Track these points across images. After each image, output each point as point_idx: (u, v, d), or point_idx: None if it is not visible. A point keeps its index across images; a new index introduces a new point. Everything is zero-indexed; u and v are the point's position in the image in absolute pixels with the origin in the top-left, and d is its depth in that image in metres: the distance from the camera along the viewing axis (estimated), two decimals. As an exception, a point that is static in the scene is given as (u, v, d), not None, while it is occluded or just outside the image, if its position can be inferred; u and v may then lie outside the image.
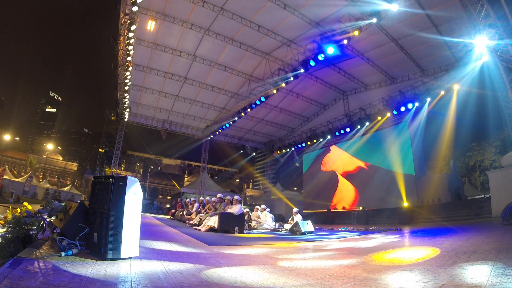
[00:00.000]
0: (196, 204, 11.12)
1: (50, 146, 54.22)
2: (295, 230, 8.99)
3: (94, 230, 3.01)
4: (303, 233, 8.79)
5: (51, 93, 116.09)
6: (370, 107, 17.04)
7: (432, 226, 10.48)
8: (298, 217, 9.88)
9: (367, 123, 16.73)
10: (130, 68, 13.55)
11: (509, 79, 9.51)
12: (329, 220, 17.89)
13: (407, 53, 13.33)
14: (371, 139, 18.33)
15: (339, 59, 14.49)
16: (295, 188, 34.99)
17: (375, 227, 11.11)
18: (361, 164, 18.73)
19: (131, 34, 11.21)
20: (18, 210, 3.26)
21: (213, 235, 6.92)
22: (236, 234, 7.51)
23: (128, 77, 14.14)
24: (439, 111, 15.03)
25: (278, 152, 23.22)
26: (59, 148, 67.14)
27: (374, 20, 10.40)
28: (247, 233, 8.53)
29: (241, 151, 24.17)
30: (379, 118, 16.36)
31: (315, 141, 20.03)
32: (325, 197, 20.42)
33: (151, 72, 15.72)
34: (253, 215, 10.83)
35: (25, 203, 3.57)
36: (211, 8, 11.70)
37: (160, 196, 44.31)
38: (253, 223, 10.45)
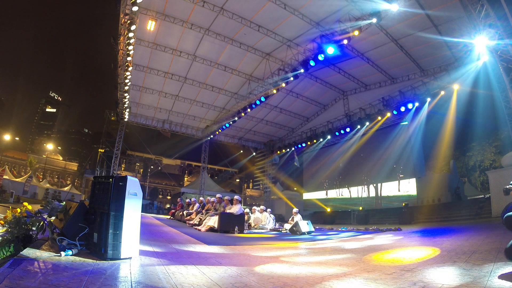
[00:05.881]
0: (197, 204, 11.12)
1: (50, 146, 54.21)
2: (295, 230, 8.99)
3: (94, 230, 3.01)
4: (303, 233, 8.79)
5: (51, 93, 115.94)
6: (370, 107, 17.03)
7: (432, 226, 10.48)
8: (298, 217, 9.88)
9: (367, 123, 16.73)
10: (130, 68, 13.54)
11: (509, 79, 9.51)
12: (329, 220, 17.90)
13: (407, 53, 13.32)
14: (371, 139, 18.34)
15: (339, 59, 14.48)
16: (295, 188, 35.01)
17: (375, 227, 11.11)
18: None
19: (131, 34, 11.21)
20: (18, 210, 3.26)
21: (213, 235, 6.92)
22: (236, 234, 7.51)
23: (128, 77, 14.14)
24: (439, 111, 15.02)
25: (278, 152, 23.21)
26: (59, 148, 67.15)
27: (374, 20, 10.41)
28: (247, 233, 8.53)
29: (241, 151, 24.15)
30: (379, 118, 16.35)
31: (315, 141, 20.02)
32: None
33: (151, 72, 15.72)
34: (254, 219, 10.76)
35: (25, 203, 3.57)
36: (211, 8, 11.70)
37: (160, 196, 44.32)
38: (253, 223, 10.46)
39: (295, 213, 10.14)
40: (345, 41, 11.33)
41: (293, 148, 22.29)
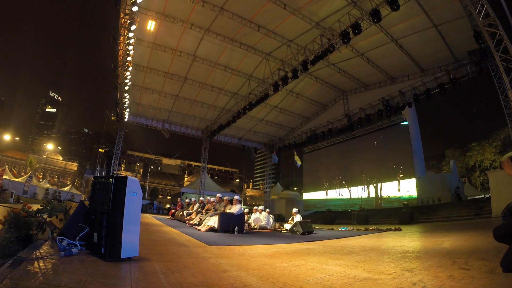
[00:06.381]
0: (197, 204, 11.12)
1: (50, 146, 54.26)
2: (295, 230, 8.98)
3: (94, 230, 3.01)
4: (303, 233, 8.78)
5: (51, 93, 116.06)
6: (370, 107, 17.05)
7: (432, 226, 10.48)
8: (298, 217, 9.88)
9: (367, 123, 16.73)
10: (130, 68, 13.54)
11: (509, 79, 9.52)
12: (329, 220, 17.88)
13: (407, 53, 13.33)
14: (371, 139, 18.35)
15: (339, 59, 14.49)
16: (295, 188, 35.06)
17: (375, 227, 11.10)
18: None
19: (131, 34, 11.21)
20: (18, 210, 3.26)
21: (213, 235, 6.91)
22: (236, 234, 7.50)
23: (128, 77, 14.14)
24: (439, 111, 15.06)
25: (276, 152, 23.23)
26: (59, 148, 67.21)
27: (374, 20, 10.40)
28: (247, 233, 8.52)
29: (241, 151, 24.16)
30: (379, 118, 16.36)
31: (315, 141, 20.02)
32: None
33: (151, 72, 15.72)
34: (254, 219, 10.73)
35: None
36: (211, 8, 11.71)
37: (160, 196, 44.36)
38: (253, 223, 10.45)
39: (295, 213, 10.14)
40: (345, 41, 11.32)
41: (293, 148, 22.31)
